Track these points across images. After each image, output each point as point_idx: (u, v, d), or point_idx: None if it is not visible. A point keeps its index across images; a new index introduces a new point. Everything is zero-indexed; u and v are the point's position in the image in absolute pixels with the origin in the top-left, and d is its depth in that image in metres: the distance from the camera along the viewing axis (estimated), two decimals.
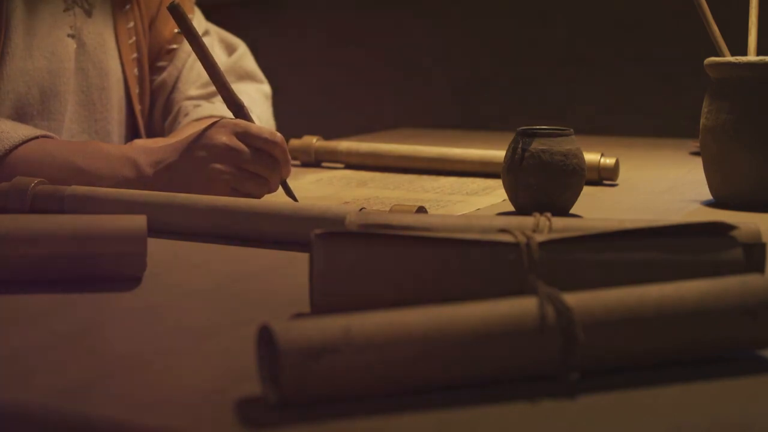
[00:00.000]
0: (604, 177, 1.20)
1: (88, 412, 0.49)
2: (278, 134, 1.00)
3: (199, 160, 0.98)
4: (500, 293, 0.55)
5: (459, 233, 0.62)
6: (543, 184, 0.95)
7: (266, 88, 1.37)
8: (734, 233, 0.64)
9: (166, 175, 0.99)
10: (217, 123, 1.00)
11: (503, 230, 0.63)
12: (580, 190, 0.98)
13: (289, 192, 1.02)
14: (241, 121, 1.01)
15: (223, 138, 0.98)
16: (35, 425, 0.49)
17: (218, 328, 0.63)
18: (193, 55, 1.28)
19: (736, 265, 0.63)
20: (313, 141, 1.35)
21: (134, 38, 1.25)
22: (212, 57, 1.02)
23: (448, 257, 0.61)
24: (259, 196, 1.00)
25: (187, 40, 1.02)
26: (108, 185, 0.98)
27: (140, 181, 1.00)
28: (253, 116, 1.06)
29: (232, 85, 1.04)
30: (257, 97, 1.32)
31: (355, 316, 0.51)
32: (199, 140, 0.99)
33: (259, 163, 0.99)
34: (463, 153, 1.27)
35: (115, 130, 1.24)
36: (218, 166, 0.98)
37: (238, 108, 1.03)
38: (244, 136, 0.99)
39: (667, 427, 0.48)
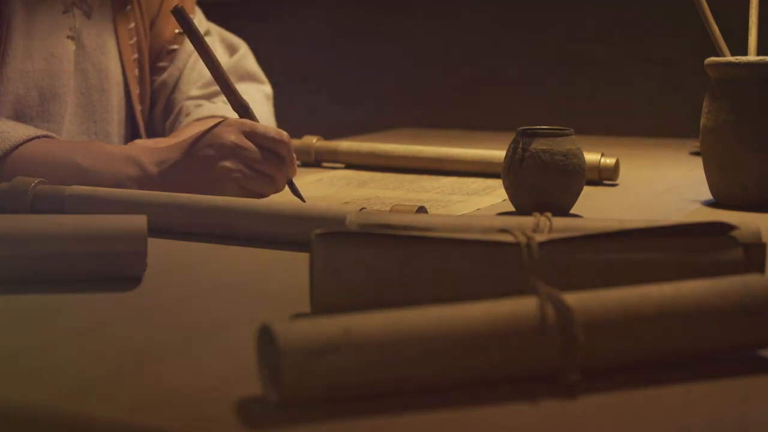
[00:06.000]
0: (604, 177, 1.20)
1: (88, 412, 0.49)
2: (284, 132, 1.00)
3: (207, 158, 0.98)
4: (500, 293, 0.55)
5: (459, 233, 0.62)
6: (543, 184, 0.95)
7: (267, 88, 1.37)
8: (734, 233, 0.64)
9: (172, 174, 0.99)
10: (223, 122, 1.00)
11: (503, 230, 0.63)
12: (580, 190, 0.98)
13: (295, 192, 1.02)
14: (248, 121, 1.01)
15: (232, 137, 0.98)
16: (36, 425, 0.49)
17: (218, 327, 0.63)
18: (195, 55, 1.28)
19: (736, 265, 0.63)
20: (313, 141, 1.35)
21: (135, 39, 1.25)
22: (217, 60, 1.02)
23: (448, 257, 0.61)
24: (266, 195, 1.00)
25: (192, 43, 1.02)
26: (111, 185, 0.97)
27: (144, 180, 0.99)
28: None
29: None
30: (258, 98, 1.32)
31: (355, 316, 0.51)
32: (206, 139, 0.99)
33: (266, 161, 0.99)
34: (463, 153, 1.27)
35: (115, 131, 1.24)
36: (227, 164, 0.97)
37: (243, 110, 1.03)
38: (251, 135, 0.99)
39: (667, 427, 0.48)
